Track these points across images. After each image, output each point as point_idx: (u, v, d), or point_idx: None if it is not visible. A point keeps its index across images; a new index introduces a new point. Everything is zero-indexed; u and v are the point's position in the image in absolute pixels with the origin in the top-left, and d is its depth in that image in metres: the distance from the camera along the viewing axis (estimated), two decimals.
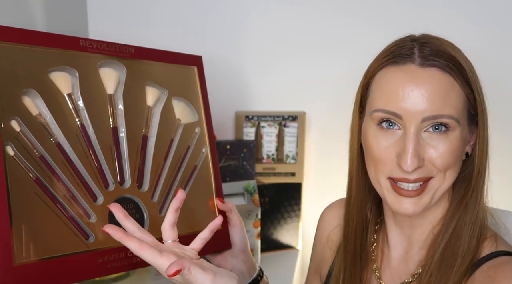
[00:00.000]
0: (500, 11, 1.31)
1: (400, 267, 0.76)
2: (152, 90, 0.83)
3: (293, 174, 1.41)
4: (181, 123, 0.86)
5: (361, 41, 1.37)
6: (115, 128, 0.77)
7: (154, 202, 0.80)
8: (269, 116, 1.41)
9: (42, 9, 1.25)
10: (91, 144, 0.74)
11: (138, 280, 1.22)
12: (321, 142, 1.45)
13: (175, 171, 0.83)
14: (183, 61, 0.89)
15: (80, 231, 0.71)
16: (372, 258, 0.79)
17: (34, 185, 0.67)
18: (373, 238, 0.80)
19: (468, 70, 0.67)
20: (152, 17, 1.42)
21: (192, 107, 0.88)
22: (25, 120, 0.68)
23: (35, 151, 0.68)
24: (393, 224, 0.77)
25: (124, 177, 0.77)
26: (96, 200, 0.73)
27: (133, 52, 0.81)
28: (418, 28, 0.73)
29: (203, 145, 0.88)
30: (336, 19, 1.39)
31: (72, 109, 0.73)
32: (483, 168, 0.70)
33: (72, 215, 0.70)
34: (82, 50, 0.75)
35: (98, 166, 0.74)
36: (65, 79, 0.73)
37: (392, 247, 0.77)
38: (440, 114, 0.65)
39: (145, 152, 0.80)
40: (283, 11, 1.40)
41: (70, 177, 0.71)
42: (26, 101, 0.68)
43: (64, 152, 0.71)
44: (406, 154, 0.65)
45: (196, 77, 0.91)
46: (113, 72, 0.78)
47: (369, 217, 0.79)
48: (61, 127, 0.71)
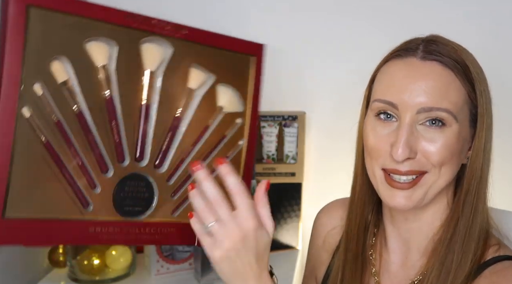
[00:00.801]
0: (502, 11, 1.31)
1: (400, 273, 0.76)
2: (197, 73, 0.80)
3: (293, 174, 1.41)
4: (223, 111, 0.83)
5: (362, 42, 1.38)
6: (147, 106, 0.76)
7: (169, 185, 0.79)
8: (269, 116, 1.41)
9: None
10: (116, 118, 0.73)
11: (138, 280, 1.22)
12: (321, 142, 1.45)
13: (201, 159, 0.81)
14: (243, 49, 0.85)
15: (81, 200, 0.72)
16: (371, 262, 0.79)
17: (43, 148, 0.69)
18: (372, 241, 0.80)
19: (473, 70, 0.67)
20: None
21: (239, 97, 0.85)
22: (49, 85, 0.69)
23: (53, 116, 0.69)
24: (391, 227, 0.77)
25: (144, 155, 0.76)
26: (106, 172, 0.74)
27: (186, 33, 0.78)
28: (421, 31, 0.73)
29: (240, 137, 0.86)
30: (336, 19, 1.39)
31: (103, 80, 0.72)
32: (476, 172, 0.68)
33: (76, 183, 0.72)
34: (126, 24, 0.73)
35: (117, 140, 0.74)
36: (101, 50, 0.72)
37: (391, 251, 0.77)
38: (436, 106, 0.65)
39: (173, 134, 0.78)
40: (284, 11, 1.40)
41: (83, 146, 0.72)
42: (56, 67, 0.69)
43: (84, 121, 0.71)
44: (397, 143, 0.65)
45: (253, 67, 0.86)
46: (157, 49, 0.76)
47: (370, 218, 0.79)
48: (87, 97, 0.71)
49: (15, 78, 0.66)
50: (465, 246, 0.68)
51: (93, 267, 1.19)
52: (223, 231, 0.63)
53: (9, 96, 0.66)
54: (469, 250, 0.68)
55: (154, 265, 1.21)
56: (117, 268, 1.20)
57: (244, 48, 0.86)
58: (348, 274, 0.77)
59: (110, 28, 0.72)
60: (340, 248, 0.81)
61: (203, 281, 1.21)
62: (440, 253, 0.69)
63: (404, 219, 0.74)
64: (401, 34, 0.75)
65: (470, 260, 0.68)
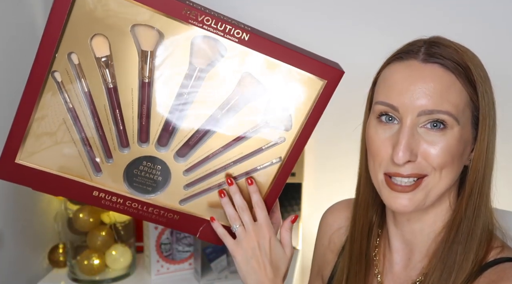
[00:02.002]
0: (503, 12, 1.31)
1: (402, 273, 0.76)
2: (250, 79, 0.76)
3: (293, 174, 1.41)
4: (267, 124, 0.78)
5: (361, 43, 1.37)
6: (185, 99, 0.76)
7: (184, 177, 0.80)
8: None
9: (42, 8, 1.25)
10: (148, 102, 0.75)
11: (138, 280, 1.22)
12: (321, 142, 1.45)
13: (226, 163, 0.79)
14: (311, 70, 0.76)
15: (92, 165, 0.77)
16: (374, 263, 0.79)
17: (66, 112, 0.73)
18: (376, 242, 0.80)
19: (475, 72, 0.66)
20: None
21: (289, 115, 0.78)
22: (85, 57, 0.71)
23: (84, 85, 0.73)
24: (394, 229, 0.77)
25: (168, 142, 0.78)
26: (123, 147, 0.77)
27: (245, 40, 0.75)
28: (423, 32, 0.73)
29: (278, 155, 0.80)
30: (337, 20, 1.39)
31: (145, 66, 0.74)
32: (479, 174, 0.68)
33: (91, 149, 0.76)
34: (182, 18, 0.71)
35: (143, 121, 0.76)
36: (150, 36, 0.72)
37: (394, 252, 0.77)
38: (437, 109, 0.64)
39: (207, 132, 0.78)
40: (284, 11, 1.40)
41: (107, 120, 0.75)
42: (97, 41, 0.71)
43: (113, 97, 0.74)
44: (398, 146, 0.65)
45: (318, 91, 0.78)
46: (207, 51, 0.75)
47: (374, 219, 0.79)
48: (124, 76, 0.73)
49: (52, 43, 0.70)
50: (467, 247, 0.68)
51: (93, 267, 1.19)
52: (244, 234, 0.77)
53: (43, 58, 0.70)
54: (471, 251, 0.68)
55: (154, 265, 1.21)
56: (117, 268, 1.21)
57: (316, 70, 0.77)
58: (353, 274, 0.77)
59: (163, 20, 0.71)
60: (345, 249, 0.81)
61: (203, 281, 1.21)
62: (442, 254, 0.69)
63: (406, 221, 0.74)
64: (403, 35, 0.74)
65: (471, 261, 0.67)
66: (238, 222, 0.78)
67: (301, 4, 1.39)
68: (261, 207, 0.79)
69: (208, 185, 0.81)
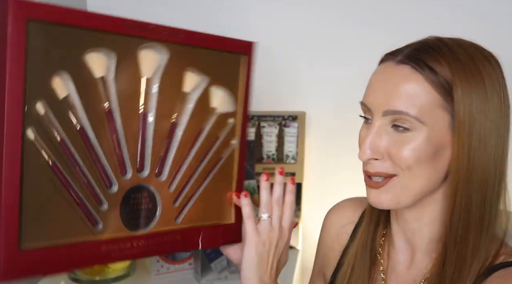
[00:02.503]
0: (504, 12, 1.31)
1: (405, 273, 0.76)
2: (192, 77, 0.79)
3: (293, 174, 1.41)
4: (216, 112, 0.83)
5: (362, 42, 1.38)
6: (144, 114, 0.75)
7: (170, 192, 0.79)
8: (269, 116, 1.41)
9: None
10: (116, 130, 0.72)
11: (138, 280, 1.22)
12: (321, 142, 1.45)
13: (197, 162, 0.81)
14: (234, 48, 0.85)
15: (89, 218, 0.71)
16: (380, 261, 0.79)
17: (50, 170, 0.67)
18: (381, 240, 0.80)
19: (456, 76, 0.64)
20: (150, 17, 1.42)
21: (231, 96, 0.85)
22: (51, 103, 0.66)
23: (56, 135, 0.67)
24: (397, 227, 0.77)
25: (144, 165, 0.76)
26: (110, 187, 0.72)
27: (183, 37, 0.77)
28: (422, 31, 0.73)
29: (233, 136, 0.85)
30: (336, 20, 1.39)
31: (102, 93, 0.70)
32: (462, 177, 0.66)
33: (83, 202, 0.70)
34: (125, 32, 0.71)
35: (118, 153, 0.73)
36: (100, 61, 0.70)
37: (398, 251, 0.77)
38: (397, 109, 0.64)
39: (170, 141, 0.78)
40: (284, 11, 1.40)
41: (87, 163, 0.70)
42: (56, 82, 0.66)
43: (86, 137, 0.70)
44: (362, 144, 0.67)
45: (244, 66, 0.86)
46: (153, 55, 0.75)
47: (381, 218, 0.80)
48: (88, 111, 0.69)
49: (18, 98, 0.63)
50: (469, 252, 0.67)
51: (93, 267, 1.19)
52: (269, 227, 0.77)
53: (13, 119, 0.62)
54: (470, 254, 0.67)
55: (154, 265, 1.21)
56: (117, 268, 1.21)
57: (235, 47, 0.85)
58: (357, 270, 0.78)
59: (108, 38, 0.70)
60: (352, 244, 0.81)
61: (203, 281, 1.21)
62: (440, 256, 0.69)
63: (404, 220, 0.74)
64: (402, 34, 0.74)
65: (470, 265, 0.67)
66: (269, 212, 0.78)
67: (304, 3, 1.39)
68: (291, 209, 0.79)
69: (192, 191, 0.82)
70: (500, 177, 0.68)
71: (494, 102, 0.65)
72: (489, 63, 0.67)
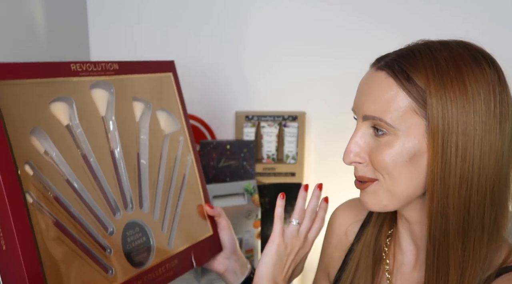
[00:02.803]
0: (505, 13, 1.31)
1: (410, 274, 0.76)
2: (138, 105, 0.81)
3: (293, 174, 1.41)
4: (166, 134, 0.85)
5: (361, 41, 1.38)
6: (112, 152, 0.75)
7: (155, 221, 0.80)
8: (269, 116, 1.41)
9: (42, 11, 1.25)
10: (95, 174, 0.72)
11: None
12: (321, 142, 1.45)
13: (168, 185, 0.83)
14: (157, 69, 0.87)
15: (101, 267, 0.70)
16: (385, 261, 0.79)
17: (56, 229, 0.65)
18: (387, 241, 0.80)
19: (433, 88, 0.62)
20: (151, 16, 1.42)
21: (173, 116, 0.87)
22: (36, 162, 0.64)
23: (49, 193, 0.65)
24: (402, 228, 0.77)
25: (127, 201, 0.76)
26: (107, 230, 0.72)
27: (117, 68, 0.79)
28: (421, 30, 0.73)
29: (188, 152, 0.88)
30: (336, 19, 1.39)
31: (73, 140, 0.70)
32: (435, 196, 0.64)
33: (91, 253, 0.69)
34: (74, 75, 0.72)
35: (104, 195, 0.72)
36: (63, 109, 0.70)
37: (403, 252, 0.77)
38: (371, 114, 0.65)
39: (140, 171, 0.79)
40: (283, 11, 1.40)
41: (82, 212, 0.69)
42: (34, 141, 0.65)
43: (74, 187, 0.69)
44: (346, 148, 0.68)
45: (173, 84, 0.89)
46: (103, 92, 0.76)
47: (387, 219, 0.80)
48: (67, 161, 0.68)
49: (9, 164, 0.61)
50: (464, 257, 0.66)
51: None
52: (296, 233, 0.79)
53: (11, 186, 0.60)
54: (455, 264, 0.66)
55: None
56: None
57: (159, 68, 0.87)
58: (362, 270, 0.78)
59: (62, 84, 0.70)
60: (358, 244, 0.81)
61: (203, 281, 1.21)
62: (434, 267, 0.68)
63: (406, 221, 0.74)
64: (402, 34, 0.74)
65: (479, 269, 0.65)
66: (300, 220, 0.79)
67: (304, 2, 1.39)
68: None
69: (172, 214, 0.82)
70: (500, 190, 0.65)
71: (480, 111, 0.62)
72: (480, 69, 0.63)
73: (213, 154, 1.37)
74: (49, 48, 1.25)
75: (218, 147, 1.37)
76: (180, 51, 1.42)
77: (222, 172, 1.37)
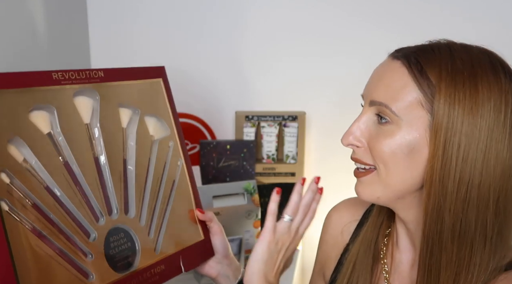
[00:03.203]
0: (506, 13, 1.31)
1: (408, 273, 0.76)
2: (125, 111, 0.82)
3: (293, 174, 1.41)
4: (155, 140, 0.85)
5: (361, 41, 1.38)
6: (96, 158, 0.76)
7: (142, 226, 0.80)
8: (269, 116, 1.41)
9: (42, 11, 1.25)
10: (77, 181, 0.72)
11: None
12: (321, 142, 1.45)
13: (156, 190, 0.83)
14: (146, 76, 0.87)
15: (81, 273, 0.71)
16: (383, 261, 0.79)
17: (33, 236, 0.66)
18: (384, 240, 0.80)
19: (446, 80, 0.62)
20: (151, 16, 1.42)
21: (163, 122, 0.87)
22: (13, 170, 0.66)
23: (27, 200, 0.67)
24: (401, 228, 0.77)
25: (111, 207, 0.76)
26: (89, 237, 0.73)
27: (103, 76, 0.79)
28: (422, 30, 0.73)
29: (178, 158, 0.88)
30: (336, 19, 1.39)
31: (54, 148, 0.71)
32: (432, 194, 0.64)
33: (71, 259, 0.70)
34: (56, 84, 0.72)
35: (86, 201, 0.73)
36: (43, 118, 0.70)
37: (401, 251, 0.77)
38: (379, 100, 0.65)
39: (126, 177, 0.79)
40: (283, 11, 1.40)
41: (63, 219, 0.70)
42: (12, 149, 0.66)
43: (54, 194, 0.70)
44: (348, 129, 0.69)
45: (163, 89, 0.89)
46: (87, 100, 0.76)
47: (384, 218, 0.80)
48: (47, 169, 0.69)
49: None
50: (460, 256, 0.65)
51: None
52: (288, 229, 0.77)
53: None
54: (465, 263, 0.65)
55: None
56: None
57: (148, 74, 0.87)
58: (359, 270, 0.77)
59: (43, 93, 0.71)
60: (354, 244, 0.81)
61: (203, 281, 1.21)
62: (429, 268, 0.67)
63: (402, 220, 0.74)
64: (402, 34, 0.75)
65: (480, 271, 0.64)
66: (293, 215, 0.78)
67: (304, 2, 1.39)
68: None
69: (160, 219, 0.83)
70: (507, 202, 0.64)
71: (488, 117, 0.61)
72: (496, 77, 0.62)
73: (213, 154, 1.37)
74: (49, 48, 1.25)
75: (218, 147, 1.37)
76: (180, 51, 1.42)
77: (222, 172, 1.37)
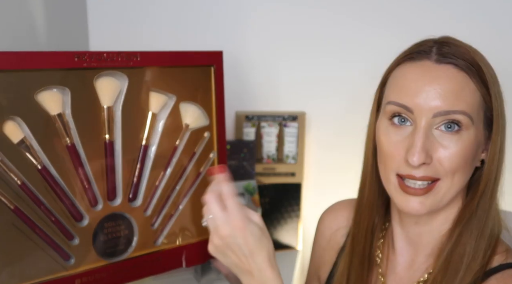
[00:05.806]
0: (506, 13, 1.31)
1: (405, 274, 0.76)
2: (157, 96, 0.79)
3: (293, 174, 1.41)
4: (190, 128, 0.82)
5: (362, 42, 1.37)
6: (110, 143, 0.75)
7: (146, 216, 0.79)
8: (269, 116, 1.41)
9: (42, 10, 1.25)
10: (81, 163, 0.72)
11: (138, 280, 1.22)
12: (321, 142, 1.45)
13: (174, 181, 0.81)
14: (197, 61, 0.83)
15: (61, 254, 0.71)
16: (377, 264, 0.79)
17: (12, 215, 0.66)
18: (379, 242, 0.80)
19: (487, 72, 0.66)
20: (152, 16, 1.42)
21: (203, 111, 0.84)
22: (4, 149, 0.66)
23: (16, 179, 0.66)
24: (400, 230, 0.76)
25: (116, 193, 0.75)
26: (81, 220, 0.72)
27: (138, 59, 0.76)
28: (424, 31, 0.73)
29: (211, 150, 0.85)
30: (336, 19, 1.39)
31: (62, 129, 0.70)
32: (492, 175, 0.67)
33: (52, 240, 0.70)
34: (77, 66, 0.71)
35: (87, 186, 0.72)
36: (54, 99, 0.70)
37: (398, 253, 0.77)
38: (452, 109, 0.64)
39: (143, 164, 0.78)
40: (283, 11, 1.40)
41: (52, 201, 0.70)
42: (9, 128, 0.66)
43: (49, 175, 0.69)
44: (414, 148, 0.64)
45: (212, 77, 0.85)
46: (112, 83, 0.75)
47: (377, 221, 0.79)
48: (47, 150, 0.69)
49: None
50: (476, 248, 0.67)
51: None
52: (213, 227, 0.71)
53: None
54: (479, 252, 0.67)
55: None
56: None
57: (200, 60, 0.83)
58: (354, 275, 0.77)
59: (58, 75, 0.70)
60: (346, 250, 0.80)
61: (203, 281, 1.21)
62: (449, 253, 0.69)
63: (414, 223, 0.73)
64: (402, 34, 0.74)
65: (479, 263, 0.67)
66: (208, 213, 0.72)
67: (304, 2, 1.39)
68: (230, 196, 0.73)
69: (171, 211, 0.81)
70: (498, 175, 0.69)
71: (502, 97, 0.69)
72: None
73: None
74: (49, 48, 1.25)
75: None
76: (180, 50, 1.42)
77: None
